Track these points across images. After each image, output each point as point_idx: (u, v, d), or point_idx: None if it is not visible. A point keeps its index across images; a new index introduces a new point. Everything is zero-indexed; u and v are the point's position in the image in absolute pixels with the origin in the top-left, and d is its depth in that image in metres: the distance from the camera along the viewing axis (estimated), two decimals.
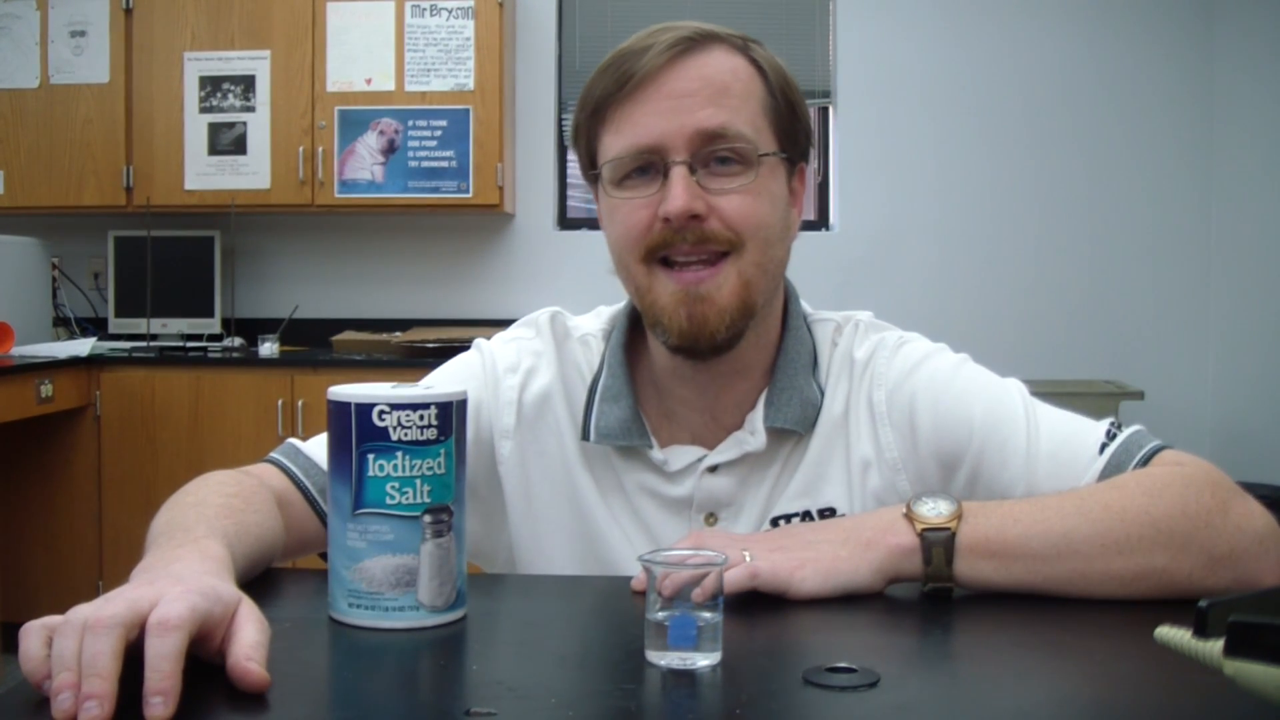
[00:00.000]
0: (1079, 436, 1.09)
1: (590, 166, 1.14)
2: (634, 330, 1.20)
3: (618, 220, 1.10)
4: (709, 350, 1.09)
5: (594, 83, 1.10)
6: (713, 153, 1.06)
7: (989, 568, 0.94)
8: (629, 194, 1.08)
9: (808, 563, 0.94)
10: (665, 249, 1.07)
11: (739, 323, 1.08)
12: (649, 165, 1.07)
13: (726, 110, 1.06)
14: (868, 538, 0.96)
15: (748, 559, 0.94)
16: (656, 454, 1.15)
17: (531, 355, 1.21)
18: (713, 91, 1.06)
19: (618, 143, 1.08)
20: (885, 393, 1.15)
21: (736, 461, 1.14)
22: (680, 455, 1.15)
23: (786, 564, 0.94)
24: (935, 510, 0.96)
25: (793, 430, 1.14)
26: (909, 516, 0.96)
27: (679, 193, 1.04)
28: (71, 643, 0.68)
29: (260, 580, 0.98)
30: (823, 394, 1.16)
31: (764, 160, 1.08)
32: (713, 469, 1.14)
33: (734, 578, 0.91)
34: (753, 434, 1.14)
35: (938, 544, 0.94)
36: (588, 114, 1.11)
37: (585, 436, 1.16)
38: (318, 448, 1.12)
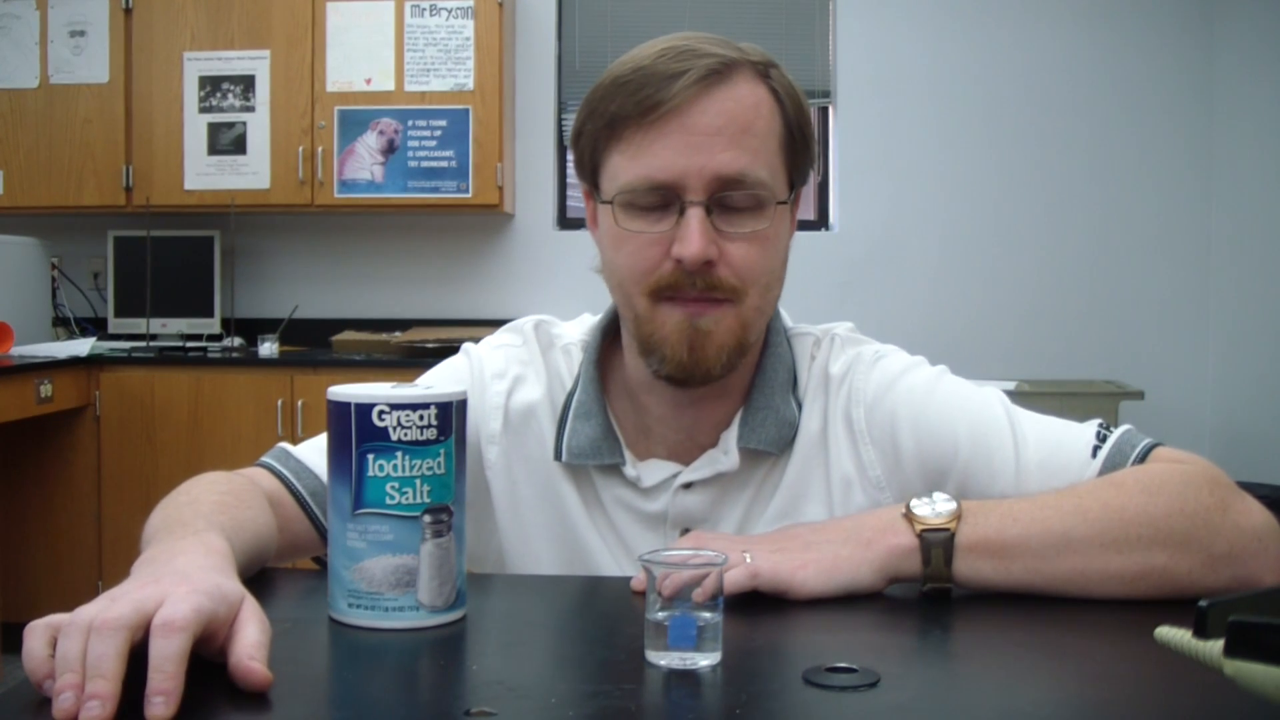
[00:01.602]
0: (1068, 442, 1.08)
1: (590, 173, 1.12)
2: (611, 343, 1.19)
3: (626, 252, 1.08)
4: (701, 384, 1.09)
5: (611, 95, 1.06)
6: (729, 195, 1.05)
7: (988, 567, 0.94)
8: (640, 226, 1.06)
9: (809, 563, 0.94)
10: (673, 289, 1.06)
11: (735, 359, 1.09)
12: (662, 197, 1.05)
13: (748, 153, 1.04)
14: (867, 537, 0.96)
15: (748, 559, 0.94)
16: (630, 470, 1.14)
17: (519, 364, 1.21)
18: (736, 131, 1.04)
19: (632, 169, 1.05)
20: (864, 409, 1.14)
21: (710, 480, 1.14)
22: (654, 471, 1.15)
23: (787, 564, 0.94)
24: (934, 510, 0.96)
25: (767, 451, 1.13)
26: (908, 517, 0.96)
27: (695, 238, 1.02)
28: (77, 644, 0.68)
29: (259, 580, 0.98)
30: (800, 409, 1.15)
31: (778, 207, 1.08)
32: (687, 486, 1.14)
33: (734, 578, 0.91)
34: (726, 453, 1.13)
35: (937, 544, 0.94)
36: (600, 125, 1.07)
37: (558, 456, 1.16)
38: (309, 451, 1.12)
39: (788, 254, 1.14)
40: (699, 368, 1.07)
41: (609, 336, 1.19)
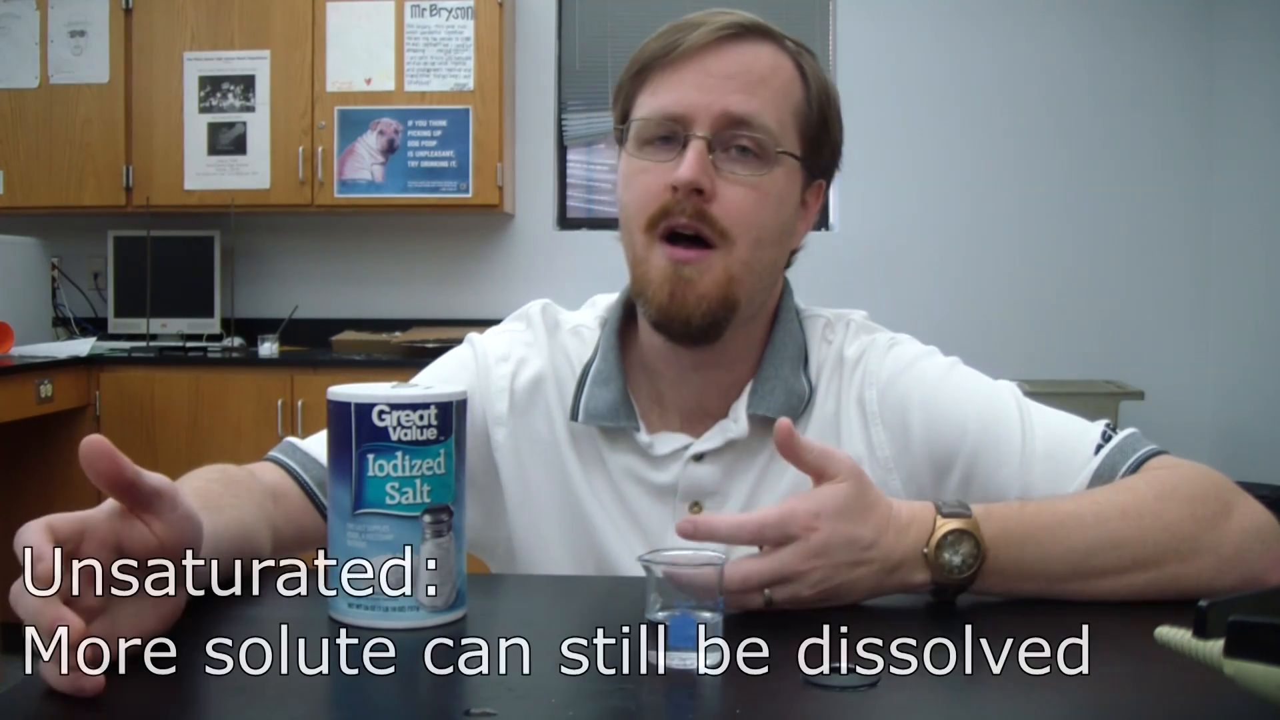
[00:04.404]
0: (1074, 437, 1.09)
1: (624, 132, 1.15)
2: (628, 317, 1.21)
3: (633, 186, 1.11)
4: (683, 333, 1.09)
5: (644, 47, 1.12)
6: (734, 137, 1.07)
7: (1000, 588, 0.94)
8: (647, 159, 1.10)
9: (828, 601, 0.91)
10: (667, 218, 1.07)
11: (717, 312, 1.08)
12: (673, 135, 1.08)
13: (759, 101, 1.08)
14: (892, 565, 0.92)
15: (767, 594, 0.89)
16: (643, 437, 1.15)
17: (523, 346, 1.22)
18: (750, 80, 1.08)
19: (649, 103, 1.10)
20: (877, 391, 1.15)
21: (721, 450, 1.14)
22: (667, 441, 1.15)
23: (806, 604, 0.90)
24: (959, 558, 0.91)
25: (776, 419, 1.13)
26: (929, 560, 0.91)
27: (690, 162, 1.05)
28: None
29: (260, 580, 0.98)
30: (812, 389, 1.16)
31: (781, 158, 1.09)
32: (698, 457, 1.14)
33: (750, 603, 0.88)
34: (735, 421, 1.14)
35: (953, 585, 0.92)
36: (631, 74, 1.13)
37: (574, 417, 1.16)
38: (316, 444, 1.12)
39: (791, 223, 1.14)
40: (679, 313, 1.08)
41: (627, 311, 1.21)
